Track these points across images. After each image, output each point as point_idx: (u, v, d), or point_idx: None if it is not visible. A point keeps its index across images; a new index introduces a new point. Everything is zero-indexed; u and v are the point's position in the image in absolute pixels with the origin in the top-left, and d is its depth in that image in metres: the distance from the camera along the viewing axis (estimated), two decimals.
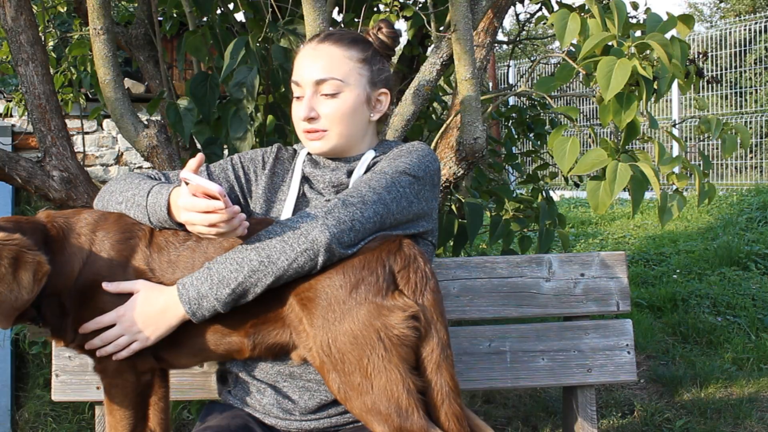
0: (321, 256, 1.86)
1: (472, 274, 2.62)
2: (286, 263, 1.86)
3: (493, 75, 10.48)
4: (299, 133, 2.16)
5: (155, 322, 1.94)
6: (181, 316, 1.92)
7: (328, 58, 2.12)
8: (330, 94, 2.10)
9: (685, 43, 2.50)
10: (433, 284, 1.91)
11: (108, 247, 1.99)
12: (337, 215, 1.88)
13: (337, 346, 1.83)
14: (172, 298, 1.92)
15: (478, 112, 2.73)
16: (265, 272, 1.86)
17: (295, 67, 2.18)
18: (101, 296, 1.96)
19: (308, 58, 2.14)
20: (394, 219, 1.98)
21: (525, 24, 4.82)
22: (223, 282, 1.87)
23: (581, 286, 2.62)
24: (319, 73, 2.10)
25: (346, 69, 2.12)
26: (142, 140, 2.96)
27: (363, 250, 1.91)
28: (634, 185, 2.40)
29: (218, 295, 1.88)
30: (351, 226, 1.89)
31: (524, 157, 6.64)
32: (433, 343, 1.87)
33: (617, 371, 2.60)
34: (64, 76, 4.57)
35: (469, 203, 3.20)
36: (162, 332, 1.95)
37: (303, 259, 1.86)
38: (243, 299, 1.90)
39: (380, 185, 1.97)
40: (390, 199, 1.97)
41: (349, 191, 1.96)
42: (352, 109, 2.13)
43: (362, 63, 2.15)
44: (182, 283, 1.91)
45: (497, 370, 2.60)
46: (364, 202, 1.93)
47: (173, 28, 4.01)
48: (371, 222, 1.92)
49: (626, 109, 2.37)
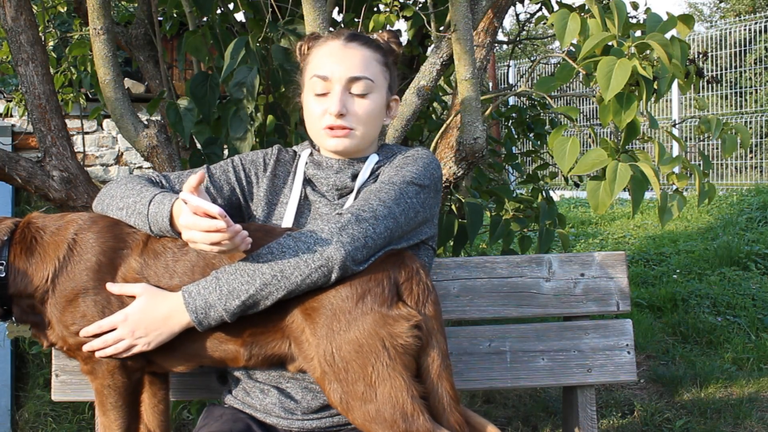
0: (335, 273, 1.86)
1: (472, 274, 2.62)
2: (299, 279, 1.85)
3: (493, 75, 10.48)
4: (318, 129, 2.13)
5: (158, 328, 1.93)
6: (186, 323, 1.92)
7: (361, 58, 2.11)
8: (361, 94, 2.10)
9: (685, 43, 2.50)
10: (434, 296, 1.94)
11: (97, 252, 1.97)
12: (351, 232, 1.88)
13: (341, 354, 1.84)
14: (176, 305, 1.91)
15: (478, 112, 2.73)
16: (278, 286, 1.86)
17: (319, 61, 2.13)
18: (85, 301, 1.95)
19: (339, 55, 2.11)
20: (402, 231, 2.00)
21: (525, 24, 4.82)
22: (233, 293, 1.86)
23: (581, 286, 2.62)
24: (355, 71, 2.09)
25: (376, 71, 2.13)
26: (142, 140, 2.96)
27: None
28: (634, 185, 2.40)
29: (227, 306, 1.87)
30: (364, 243, 1.89)
31: (524, 157, 6.64)
32: (434, 353, 1.90)
33: (617, 371, 2.60)
34: (64, 76, 4.57)
35: (469, 203, 3.20)
36: (164, 338, 1.95)
37: (317, 275, 1.86)
38: (251, 310, 1.89)
39: (390, 198, 1.97)
40: (399, 212, 1.97)
41: (361, 205, 1.95)
42: (378, 111, 2.14)
43: (385, 68, 2.17)
44: (188, 291, 1.90)
45: (497, 370, 2.59)
46: (376, 217, 1.92)
47: (173, 28, 4.01)
48: (382, 237, 1.93)
49: (626, 109, 2.36)
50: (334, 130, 2.10)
